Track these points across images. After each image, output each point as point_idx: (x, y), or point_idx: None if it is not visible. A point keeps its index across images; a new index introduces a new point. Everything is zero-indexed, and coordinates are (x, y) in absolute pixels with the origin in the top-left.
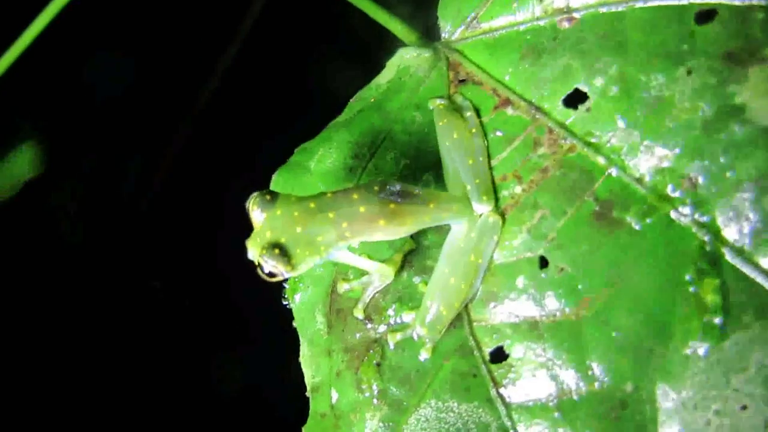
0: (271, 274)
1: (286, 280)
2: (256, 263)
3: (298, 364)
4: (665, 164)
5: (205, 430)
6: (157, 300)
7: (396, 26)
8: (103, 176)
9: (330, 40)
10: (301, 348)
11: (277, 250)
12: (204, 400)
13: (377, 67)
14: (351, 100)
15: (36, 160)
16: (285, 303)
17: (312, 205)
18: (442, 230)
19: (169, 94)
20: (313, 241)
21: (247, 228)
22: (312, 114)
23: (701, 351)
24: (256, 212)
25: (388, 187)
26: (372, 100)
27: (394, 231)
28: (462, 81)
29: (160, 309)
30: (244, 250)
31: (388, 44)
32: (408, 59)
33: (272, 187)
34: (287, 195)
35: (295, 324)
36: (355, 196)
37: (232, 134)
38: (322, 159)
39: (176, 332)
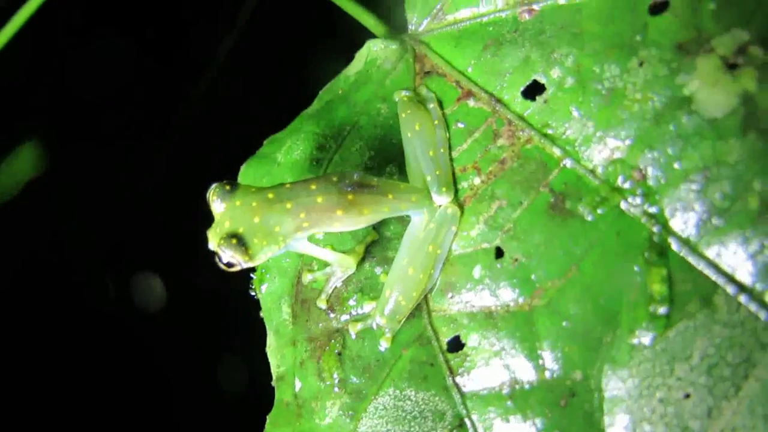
0: (230, 264)
1: (250, 269)
2: (215, 253)
3: None
4: (617, 155)
5: (211, 428)
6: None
7: (365, 18)
8: (105, 174)
9: (325, 33)
10: (268, 338)
11: (234, 240)
12: (210, 398)
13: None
14: (320, 92)
15: (38, 160)
16: (252, 294)
17: (270, 195)
18: (404, 222)
19: (165, 88)
20: (271, 231)
21: None
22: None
23: (647, 340)
24: (216, 202)
25: (346, 178)
26: (340, 91)
27: (353, 221)
28: (427, 73)
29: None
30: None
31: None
32: (376, 51)
33: (241, 178)
34: (247, 186)
35: (261, 314)
36: (313, 187)
37: (225, 130)
38: (289, 150)
39: (182, 331)
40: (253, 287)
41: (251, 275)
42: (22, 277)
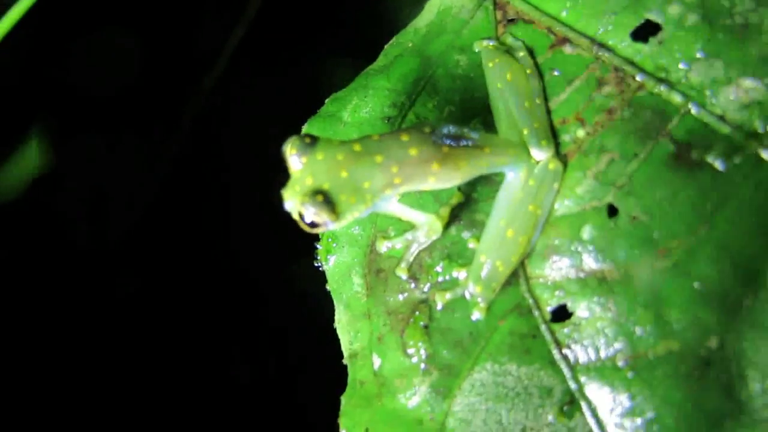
0: (314, 224)
1: (318, 238)
2: (296, 213)
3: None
4: (753, 97)
5: (222, 419)
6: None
7: None
8: (112, 170)
9: (335, 30)
10: (336, 313)
11: (320, 197)
12: (220, 393)
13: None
14: (386, 46)
15: (42, 159)
16: (317, 265)
17: (358, 148)
18: (493, 182)
19: (172, 83)
20: (360, 187)
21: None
22: (313, 106)
23: None
24: (294, 157)
25: (440, 129)
26: (410, 44)
27: (448, 177)
28: (511, 20)
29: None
30: (279, 202)
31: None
32: (449, 0)
33: None
34: (328, 139)
35: (328, 287)
36: (406, 138)
37: (235, 124)
38: (356, 108)
39: (193, 323)
40: (319, 258)
41: (316, 245)
42: (28, 274)
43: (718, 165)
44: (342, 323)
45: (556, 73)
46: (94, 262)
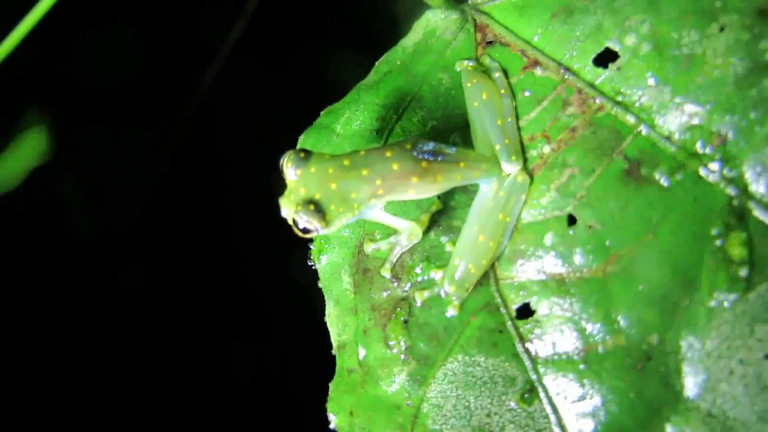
0: (306, 230)
1: (311, 240)
2: (290, 220)
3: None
4: (695, 121)
5: (219, 416)
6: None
7: None
8: (112, 161)
9: (335, 24)
10: (327, 308)
11: (312, 206)
12: (218, 387)
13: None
14: (377, 63)
15: (42, 148)
16: (311, 264)
17: (346, 162)
18: (469, 191)
19: (173, 77)
20: (347, 197)
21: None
22: (314, 101)
23: (726, 302)
24: (290, 169)
25: (420, 145)
26: (398, 62)
27: (426, 189)
28: (489, 43)
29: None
30: (277, 209)
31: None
32: (435, 21)
33: (299, 147)
34: (321, 153)
35: (320, 284)
36: (389, 154)
37: (235, 119)
38: (348, 121)
39: (190, 319)
40: (312, 257)
41: (309, 246)
42: (29, 266)
43: (663, 181)
44: (332, 317)
45: (527, 94)
46: (94, 254)
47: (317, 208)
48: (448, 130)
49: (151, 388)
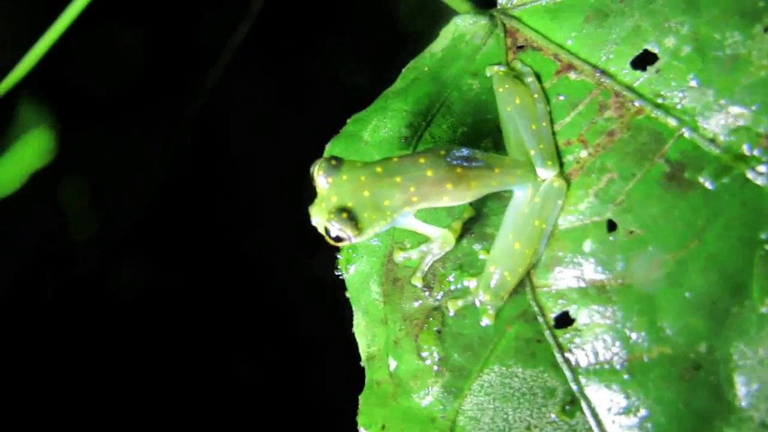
0: (338, 239)
1: (338, 249)
2: (322, 229)
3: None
4: (741, 123)
5: (225, 420)
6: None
7: None
8: (113, 163)
9: (339, 25)
10: (355, 318)
11: (345, 214)
12: (226, 387)
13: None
14: (404, 69)
15: (47, 148)
16: (338, 274)
17: (379, 169)
18: (502, 198)
19: (176, 78)
20: (380, 205)
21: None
22: (318, 102)
23: None
24: (321, 177)
25: (454, 151)
26: (426, 68)
27: (461, 195)
28: (520, 47)
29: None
30: (307, 217)
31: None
32: (463, 27)
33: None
34: (352, 161)
35: (348, 295)
36: (422, 161)
37: (239, 120)
38: (376, 128)
39: (193, 320)
40: (340, 268)
41: (337, 255)
42: (28, 268)
43: (708, 184)
44: (360, 328)
45: (561, 98)
46: (96, 255)
47: (350, 216)
48: (479, 136)
49: (154, 393)
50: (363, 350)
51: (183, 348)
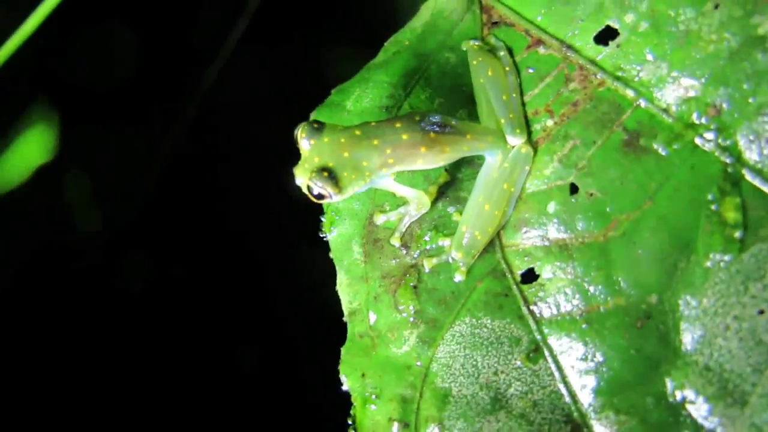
0: (320, 196)
1: (320, 212)
2: (305, 187)
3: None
4: (691, 93)
5: (228, 411)
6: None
7: None
8: (117, 155)
9: (337, 23)
10: (338, 277)
11: (325, 173)
12: (227, 382)
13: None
14: (386, 44)
15: (48, 144)
16: (322, 235)
17: (358, 132)
18: (475, 164)
19: (175, 74)
20: (359, 165)
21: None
22: (312, 96)
23: (722, 263)
24: (304, 140)
25: (428, 117)
26: (407, 42)
27: (434, 159)
28: (495, 23)
29: (178, 294)
30: (291, 178)
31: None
32: (442, 3)
33: None
34: (333, 124)
35: (331, 255)
36: (398, 125)
37: (240, 113)
38: (359, 99)
39: (195, 315)
40: (323, 229)
41: (321, 218)
42: (32, 262)
43: (661, 150)
44: (343, 286)
45: (530, 71)
46: (98, 250)
47: (331, 175)
48: (454, 106)
49: (154, 386)
50: (345, 306)
51: (186, 338)
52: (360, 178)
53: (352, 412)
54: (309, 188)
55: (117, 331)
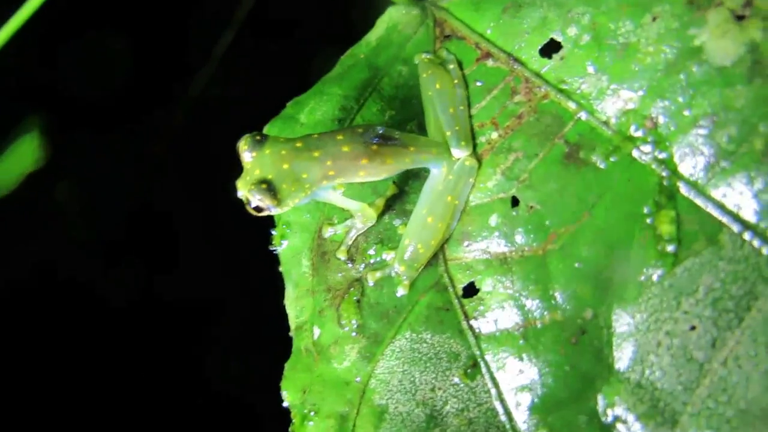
0: (258, 209)
1: (272, 218)
2: (245, 200)
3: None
4: (630, 106)
5: (198, 424)
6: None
7: None
8: (107, 163)
9: (326, 32)
10: (287, 291)
11: (264, 185)
12: (198, 394)
13: None
14: (342, 57)
15: (40, 151)
16: (272, 249)
17: (299, 144)
18: (422, 177)
19: (165, 82)
20: (299, 177)
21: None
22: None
23: (655, 277)
24: (246, 152)
25: (371, 129)
26: (361, 56)
27: (376, 171)
28: (447, 37)
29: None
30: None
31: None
32: (397, 17)
33: None
34: (276, 137)
35: (280, 269)
36: (340, 137)
37: (228, 119)
38: (312, 111)
39: (171, 326)
40: (273, 243)
41: (272, 231)
42: (25, 271)
43: (600, 163)
44: (290, 300)
45: (479, 84)
46: (86, 257)
47: (269, 188)
48: (405, 119)
49: (146, 395)
50: (292, 321)
51: (175, 347)
52: (300, 190)
53: (290, 429)
54: (248, 201)
55: (106, 340)
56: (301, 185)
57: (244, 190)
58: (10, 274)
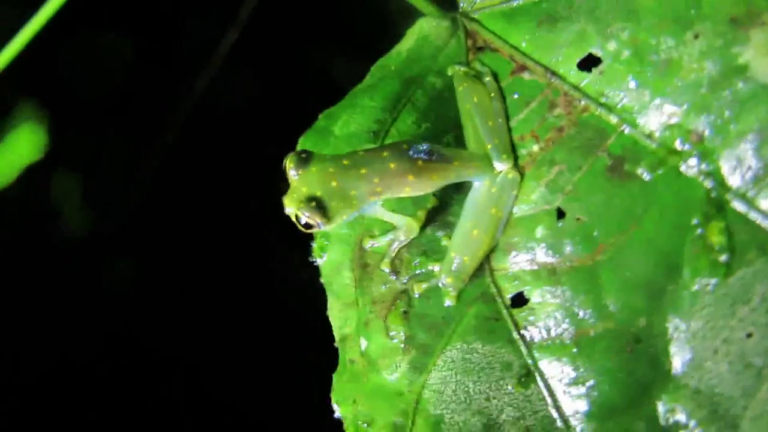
0: (308, 226)
1: (311, 238)
2: (294, 217)
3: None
4: (674, 120)
5: (198, 421)
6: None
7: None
8: (107, 160)
9: (330, 32)
10: (329, 302)
11: (313, 203)
12: (198, 394)
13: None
14: (372, 68)
15: (37, 144)
16: (312, 261)
17: (346, 162)
18: (463, 189)
19: (166, 81)
20: (347, 195)
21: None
22: (304, 105)
23: (709, 287)
24: (292, 170)
25: (415, 145)
26: (393, 67)
27: (422, 186)
28: (480, 48)
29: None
30: (280, 207)
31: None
32: (427, 29)
33: (299, 148)
34: (321, 154)
35: (322, 280)
36: (386, 154)
37: (230, 122)
38: (346, 123)
39: (181, 318)
40: (313, 254)
41: (311, 244)
42: (23, 265)
43: (645, 176)
44: (334, 311)
45: (515, 96)
46: (85, 252)
47: (319, 205)
48: (441, 132)
49: (145, 389)
50: (336, 332)
51: (174, 341)
52: (348, 207)
53: None
54: (297, 218)
55: (101, 333)
56: (350, 202)
57: (293, 207)
58: (7, 270)
